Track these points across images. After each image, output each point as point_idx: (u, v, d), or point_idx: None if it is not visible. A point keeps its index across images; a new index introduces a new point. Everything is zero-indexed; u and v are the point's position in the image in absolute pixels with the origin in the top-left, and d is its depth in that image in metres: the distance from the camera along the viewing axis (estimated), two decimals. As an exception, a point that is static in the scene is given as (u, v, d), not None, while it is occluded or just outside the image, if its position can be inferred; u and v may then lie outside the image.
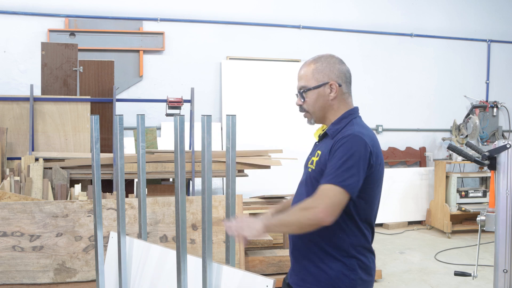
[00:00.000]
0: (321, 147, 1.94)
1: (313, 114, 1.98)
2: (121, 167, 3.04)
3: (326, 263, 1.88)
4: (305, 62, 2.01)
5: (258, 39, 6.83)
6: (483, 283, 4.65)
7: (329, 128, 1.95)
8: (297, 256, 1.98)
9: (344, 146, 1.79)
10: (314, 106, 1.96)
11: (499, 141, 2.26)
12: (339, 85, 1.95)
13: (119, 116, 3.02)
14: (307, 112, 1.99)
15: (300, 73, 2.00)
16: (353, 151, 1.78)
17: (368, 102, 7.35)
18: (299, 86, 2.00)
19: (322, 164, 1.86)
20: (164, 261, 2.86)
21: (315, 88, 1.95)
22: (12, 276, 3.58)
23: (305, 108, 1.99)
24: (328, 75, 1.95)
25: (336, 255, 1.87)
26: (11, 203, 3.61)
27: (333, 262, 1.87)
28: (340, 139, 1.83)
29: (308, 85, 1.96)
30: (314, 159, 1.92)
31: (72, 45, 5.12)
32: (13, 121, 4.87)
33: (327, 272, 1.88)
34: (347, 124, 1.91)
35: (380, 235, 6.61)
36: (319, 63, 1.96)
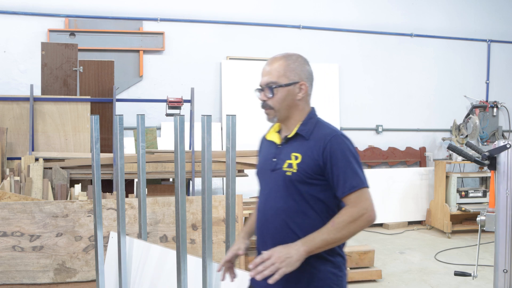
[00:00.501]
0: (297, 149, 1.87)
1: (278, 111, 1.91)
2: (121, 167, 3.04)
3: (316, 266, 1.85)
4: (273, 57, 1.94)
5: (258, 39, 6.83)
6: (483, 283, 4.65)
7: (300, 129, 1.90)
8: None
9: (341, 148, 1.83)
10: (282, 104, 1.90)
11: (499, 141, 2.26)
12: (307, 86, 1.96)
13: (119, 116, 3.02)
14: (271, 109, 1.91)
15: (268, 68, 1.91)
16: (350, 151, 1.84)
17: (368, 102, 7.35)
18: (267, 81, 1.90)
19: (310, 168, 1.83)
20: (164, 261, 2.86)
21: (286, 86, 1.89)
22: (12, 276, 3.58)
23: (270, 104, 1.90)
24: (299, 75, 1.92)
25: (325, 256, 1.86)
26: (11, 203, 3.61)
27: (322, 263, 1.86)
28: (329, 141, 1.83)
29: (279, 81, 1.89)
30: (292, 162, 1.85)
31: (72, 45, 5.12)
32: (13, 121, 4.87)
33: (317, 274, 1.86)
34: (316, 124, 1.92)
35: (380, 235, 6.61)
36: (290, 61, 1.91)
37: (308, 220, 1.85)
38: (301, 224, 1.85)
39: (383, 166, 7.38)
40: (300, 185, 1.83)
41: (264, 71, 1.93)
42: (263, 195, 1.96)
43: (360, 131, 7.32)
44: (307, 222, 1.84)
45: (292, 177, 1.84)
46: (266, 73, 1.92)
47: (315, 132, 1.89)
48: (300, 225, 1.84)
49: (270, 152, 1.97)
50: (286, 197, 1.86)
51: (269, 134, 2.04)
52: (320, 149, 1.83)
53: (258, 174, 2.03)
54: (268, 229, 1.91)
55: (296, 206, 1.85)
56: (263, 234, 1.94)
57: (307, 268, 1.83)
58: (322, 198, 1.86)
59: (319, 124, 1.92)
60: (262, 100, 1.92)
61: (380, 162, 7.32)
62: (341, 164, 1.81)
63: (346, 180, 1.80)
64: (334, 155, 1.81)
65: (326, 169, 1.82)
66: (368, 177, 1.95)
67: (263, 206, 1.95)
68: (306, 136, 1.88)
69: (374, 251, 4.79)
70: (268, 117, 1.94)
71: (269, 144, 2.01)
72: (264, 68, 1.93)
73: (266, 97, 1.90)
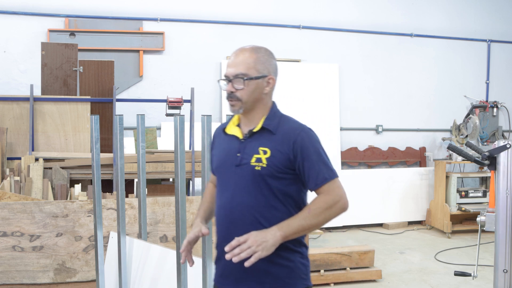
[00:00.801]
0: (265, 143, 1.87)
1: (245, 104, 1.89)
2: (121, 167, 3.04)
3: (285, 257, 1.86)
4: (241, 48, 1.92)
5: (258, 39, 6.83)
6: (483, 283, 4.65)
7: (266, 124, 1.90)
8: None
9: (311, 142, 1.87)
10: (250, 96, 1.89)
11: (499, 141, 2.26)
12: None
13: (119, 116, 3.03)
14: (238, 100, 1.88)
15: (237, 59, 1.88)
16: (319, 144, 1.89)
17: (368, 102, 7.35)
18: (236, 72, 1.87)
19: (280, 162, 1.84)
20: (164, 261, 2.86)
21: (256, 79, 1.88)
22: (12, 276, 3.58)
23: (238, 96, 1.88)
24: (267, 69, 1.92)
25: (292, 247, 1.87)
26: (11, 203, 3.61)
27: (290, 254, 1.87)
28: (299, 135, 1.86)
29: (249, 73, 1.87)
30: (261, 157, 1.84)
31: (72, 45, 5.12)
32: (13, 121, 4.87)
33: (287, 265, 1.87)
34: (280, 118, 1.94)
35: (380, 235, 6.61)
36: (260, 54, 1.91)
37: (278, 214, 1.85)
38: (271, 218, 1.84)
39: (383, 166, 7.38)
40: (270, 180, 1.84)
41: (232, 62, 1.90)
42: (227, 191, 1.91)
43: (360, 131, 7.32)
44: (277, 216, 1.84)
45: (261, 171, 1.84)
46: (234, 64, 1.88)
47: (282, 127, 1.90)
48: (270, 219, 1.84)
49: (232, 147, 1.93)
50: (255, 192, 1.85)
51: (228, 128, 1.99)
52: (290, 143, 1.84)
53: (218, 169, 1.98)
54: (236, 226, 1.87)
55: (265, 201, 1.85)
56: (230, 231, 1.88)
57: (280, 261, 1.85)
58: (290, 191, 1.87)
59: (284, 119, 1.94)
60: (230, 91, 1.89)
61: (380, 162, 7.32)
62: (312, 158, 1.84)
63: (318, 172, 1.83)
64: (304, 149, 1.84)
65: (296, 162, 1.84)
66: (368, 177, 1.98)
67: (228, 203, 1.90)
68: (273, 131, 1.88)
69: (374, 251, 4.79)
70: (233, 109, 1.91)
71: (229, 139, 1.97)
72: (232, 59, 1.90)
73: (234, 89, 1.88)
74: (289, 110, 7.96)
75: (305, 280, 1.92)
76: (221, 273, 1.97)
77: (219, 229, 1.96)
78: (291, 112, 7.02)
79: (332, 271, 4.60)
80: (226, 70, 1.91)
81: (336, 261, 4.61)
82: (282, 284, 1.87)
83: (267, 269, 1.85)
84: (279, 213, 1.85)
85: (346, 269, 4.62)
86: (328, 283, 4.55)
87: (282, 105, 7.08)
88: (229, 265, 1.87)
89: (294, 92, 6.76)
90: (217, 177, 1.99)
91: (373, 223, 7.07)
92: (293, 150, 1.84)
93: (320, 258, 4.57)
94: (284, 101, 6.84)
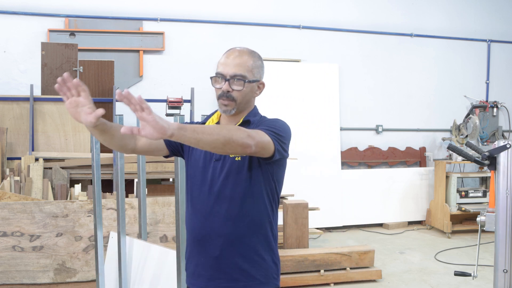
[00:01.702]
0: None
1: (238, 105, 1.89)
2: (121, 167, 3.04)
3: (260, 255, 1.87)
4: (240, 50, 1.91)
5: (258, 39, 6.83)
6: (483, 283, 4.65)
7: (250, 116, 1.92)
8: (226, 255, 1.86)
9: (275, 120, 1.87)
10: (244, 98, 1.89)
11: (499, 141, 2.26)
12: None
13: (119, 116, 3.03)
14: (233, 101, 1.87)
15: (236, 61, 1.87)
16: (285, 126, 1.86)
17: (368, 102, 7.35)
18: (237, 73, 1.86)
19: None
20: (164, 261, 2.86)
21: (252, 82, 1.90)
22: (12, 276, 3.58)
23: (233, 96, 1.87)
24: (260, 74, 1.94)
25: (266, 246, 1.88)
26: (11, 203, 3.61)
27: (265, 253, 1.88)
28: (270, 119, 1.90)
29: (248, 76, 1.88)
30: None
31: (72, 45, 5.13)
32: (13, 121, 4.87)
33: (261, 264, 1.87)
34: (261, 117, 1.96)
35: (380, 235, 6.61)
36: (255, 58, 1.92)
37: (257, 204, 1.86)
38: (251, 208, 1.85)
39: (383, 166, 7.38)
40: (252, 169, 1.84)
41: (230, 62, 1.88)
42: (204, 184, 1.89)
43: (360, 131, 7.32)
44: (256, 206, 1.86)
45: (240, 162, 1.83)
46: (233, 65, 1.87)
47: (259, 120, 1.92)
48: (251, 210, 1.85)
49: None
50: (235, 184, 1.84)
51: (209, 124, 1.99)
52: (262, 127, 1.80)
53: (194, 164, 1.94)
54: (215, 217, 1.86)
55: (245, 192, 1.84)
56: (208, 223, 1.87)
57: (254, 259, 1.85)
58: (268, 181, 1.88)
59: (264, 117, 1.96)
60: (227, 91, 1.86)
61: (380, 162, 7.32)
62: (267, 124, 1.82)
63: (266, 129, 1.77)
64: (263, 122, 1.87)
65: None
66: (368, 177, 1.96)
67: (205, 196, 1.88)
68: (256, 124, 1.88)
69: (374, 251, 4.79)
70: (226, 108, 1.89)
71: None
72: (230, 59, 1.89)
73: (231, 89, 1.86)
74: (289, 110, 7.95)
75: (276, 280, 1.92)
76: (192, 272, 1.95)
77: (191, 223, 1.93)
78: (291, 112, 7.08)
79: (332, 271, 4.60)
80: (221, 68, 1.89)
81: (336, 261, 4.61)
82: (256, 283, 1.87)
83: (240, 267, 1.84)
84: (257, 202, 1.86)
85: (346, 269, 4.62)
86: (328, 283, 4.55)
87: (282, 105, 7.13)
88: (202, 263, 1.88)
89: (294, 92, 6.75)
90: (191, 173, 1.96)
91: (373, 223, 7.07)
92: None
93: (320, 258, 4.57)
94: (284, 101, 6.86)
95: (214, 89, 1.92)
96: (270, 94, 6.82)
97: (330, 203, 6.76)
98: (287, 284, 4.44)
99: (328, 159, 6.89)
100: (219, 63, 1.91)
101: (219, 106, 1.91)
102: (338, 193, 6.90)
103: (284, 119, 1.98)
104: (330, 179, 6.87)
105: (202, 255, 1.89)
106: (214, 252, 1.86)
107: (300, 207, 4.92)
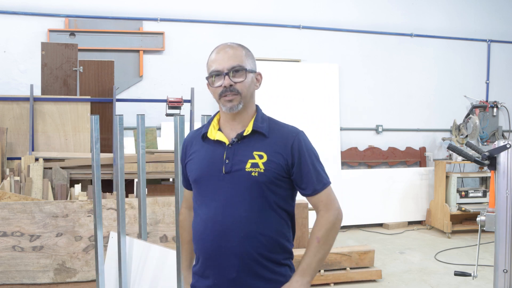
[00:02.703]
0: (259, 147, 1.74)
1: (244, 98, 1.75)
2: (121, 167, 3.04)
3: (278, 272, 1.76)
4: (229, 44, 1.79)
5: (258, 39, 6.83)
6: (483, 283, 4.65)
7: (257, 126, 1.76)
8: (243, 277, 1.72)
9: (308, 146, 1.80)
10: (248, 90, 1.75)
11: (499, 141, 2.26)
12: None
13: (119, 116, 3.02)
14: (238, 94, 1.73)
15: (228, 54, 1.74)
16: (313, 148, 1.83)
17: (368, 102, 7.35)
18: (234, 65, 1.72)
19: (279, 166, 1.73)
20: (164, 261, 2.86)
21: (251, 72, 1.77)
22: (12, 276, 3.58)
23: (238, 89, 1.73)
24: (255, 65, 1.82)
25: (282, 261, 1.78)
26: (11, 203, 3.61)
27: (282, 268, 1.78)
28: (296, 138, 1.77)
29: (245, 66, 1.74)
30: (257, 162, 1.71)
31: (72, 45, 5.12)
32: (13, 121, 4.87)
33: (281, 281, 1.76)
34: (270, 120, 1.83)
35: (380, 235, 6.61)
36: (246, 49, 1.80)
37: (273, 226, 1.75)
38: (266, 230, 1.73)
39: (383, 166, 7.38)
40: (267, 186, 1.71)
41: (225, 56, 1.74)
42: (215, 201, 1.74)
43: (360, 131, 7.32)
44: (272, 228, 1.74)
45: (259, 178, 1.70)
46: (227, 58, 1.74)
47: (274, 129, 1.79)
48: (265, 231, 1.73)
49: (217, 153, 1.77)
50: (251, 202, 1.70)
51: (210, 133, 1.82)
52: (288, 147, 1.74)
53: (200, 179, 1.79)
54: (228, 239, 1.71)
55: (261, 211, 1.71)
56: (220, 244, 1.72)
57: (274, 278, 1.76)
58: (284, 199, 1.78)
59: (273, 121, 1.83)
60: (229, 85, 1.72)
61: (380, 162, 7.32)
62: (310, 162, 1.76)
63: (317, 178, 1.77)
64: (302, 152, 1.75)
65: (293, 167, 1.75)
66: (368, 177, 1.97)
67: (218, 214, 1.73)
68: (266, 134, 1.76)
69: (374, 251, 4.79)
70: (232, 104, 1.74)
71: (210, 145, 1.81)
72: (223, 55, 1.75)
73: (233, 82, 1.72)
74: (289, 110, 7.94)
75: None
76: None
77: (204, 244, 1.76)
78: (291, 112, 7.07)
79: (332, 271, 4.60)
80: (215, 65, 1.76)
81: (336, 261, 4.61)
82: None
83: (260, 285, 1.73)
84: (274, 224, 1.75)
85: (346, 269, 4.62)
86: (328, 283, 4.55)
87: (282, 105, 7.13)
88: (220, 283, 1.74)
89: (294, 92, 6.75)
90: (197, 189, 1.81)
91: (373, 223, 7.07)
92: (291, 154, 1.74)
93: (320, 258, 4.57)
94: (284, 101, 6.86)
95: (212, 91, 1.80)
96: (270, 94, 6.84)
97: (330, 203, 6.75)
98: (287, 284, 4.44)
99: (328, 159, 6.88)
100: (211, 62, 1.78)
101: (222, 105, 1.76)
102: (338, 193, 6.82)
103: (284, 119, 1.93)
104: (330, 179, 6.86)
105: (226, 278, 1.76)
106: (236, 277, 1.73)
107: (300, 207, 4.92)
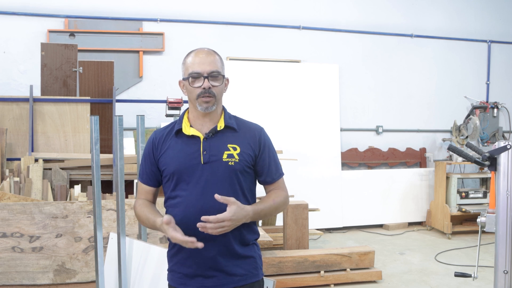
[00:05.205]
0: (232, 140, 1.99)
1: (218, 101, 2.00)
2: (120, 168, 3.04)
3: (249, 248, 2.00)
4: (207, 50, 2.01)
5: (258, 39, 6.83)
6: (483, 284, 4.64)
7: (229, 122, 2.02)
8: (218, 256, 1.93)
9: (268, 140, 2.09)
10: (221, 93, 2.01)
11: (499, 142, 2.25)
12: None
13: (119, 116, 3.02)
14: (213, 97, 1.96)
15: (208, 59, 1.97)
16: (272, 143, 2.11)
17: (368, 103, 7.35)
18: (213, 70, 1.96)
19: (249, 157, 1.99)
20: (164, 261, 2.85)
21: (224, 77, 2.01)
22: (12, 277, 3.58)
23: (214, 92, 1.96)
24: (224, 71, 2.04)
25: (253, 239, 2.03)
26: (10, 204, 3.61)
27: (251, 246, 2.02)
28: (261, 133, 2.07)
29: (222, 72, 2.00)
30: (232, 153, 1.96)
31: (72, 46, 5.12)
32: (13, 122, 4.87)
33: (251, 256, 2.00)
34: (235, 117, 2.10)
35: (380, 236, 6.60)
36: (219, 56, 2.03)
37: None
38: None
39: (383, 166, 7.37)
40: (241, 174, 1.97)
41: (205, 60, 1.96)
42: (196, 189, 1.93)
43: (360, 131, 7.32)
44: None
45: (235, 166, 1.95)
46: (209, 62, 1.96)
47: (240, 125, 2.06)
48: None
49: (193, 146, 1.98)
50: (228, 188, 1.94)
51: (185, 128, 2.01)
52: (256, 140, 2.02)
53: (179, 170, 1.97)
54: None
55: (236, 196, 1.92)
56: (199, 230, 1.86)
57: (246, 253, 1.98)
58: (251, 186, 2.04)
59: (238, 118, 2.10)
60: (208, 87, 1.94)
61: (380, 163, 7.31)
62: (271, 154, 2.07)
63: (276, 167, 2.08)
64: (266, 145, 2.05)
65: (258, 157, 2.03)
66: (368, 178, 1.99)
67: (199, 200, 1.92)
68: (237, 128, 2.02)
69: (374, 252, 4.79)
70: (208, 105, 1.96)
71: (184, 139, 2.00)
72: (203, 58, 1.97)
73: (210, 85, 1.95)
74: (289, 110, 7.93)
75: (261, 270, 2.07)
76: (186, 272, 2.00)
77: (187, 227, 1.90)
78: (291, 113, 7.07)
79: (332, 272, 4.60)
80: (196, 67, 1.95)
81: (336, 262, 4.61)
82: (249, 275, 1.98)
83: (235, 263, 1.95)
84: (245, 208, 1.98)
85: (346, 270, 4.62)
86: (328, 284, 4.54)
87: (282, 105, 7.11)
88: (199, 263, 1.94)
89: (294, 93, 6.75)
90: (176, 180, 1.98)
91: (373, 224, 7.07)
92: (259, 146, 2.02)
93: (320, 259, 4.57)
94: (284, 101, 6.86)
95: (189, 91, 1.99)
96: (270, 94, 6.84)
97: (330, 204, 6.75)
98: (287, 285, 4.43)
99: (328, 160, 6.88)
100: (190, 63, 1.99)
101: (199, 104, 1.97)
102: (338, 194, 6.89)
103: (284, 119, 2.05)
104: (330, 180, 6.87)
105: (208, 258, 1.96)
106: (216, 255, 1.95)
107: (300, 208, 4.92)
